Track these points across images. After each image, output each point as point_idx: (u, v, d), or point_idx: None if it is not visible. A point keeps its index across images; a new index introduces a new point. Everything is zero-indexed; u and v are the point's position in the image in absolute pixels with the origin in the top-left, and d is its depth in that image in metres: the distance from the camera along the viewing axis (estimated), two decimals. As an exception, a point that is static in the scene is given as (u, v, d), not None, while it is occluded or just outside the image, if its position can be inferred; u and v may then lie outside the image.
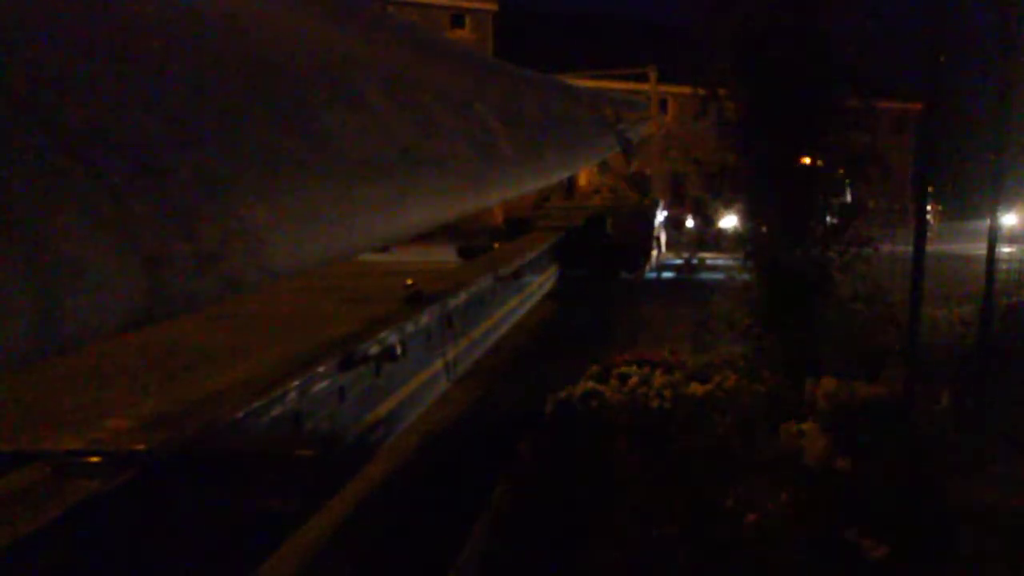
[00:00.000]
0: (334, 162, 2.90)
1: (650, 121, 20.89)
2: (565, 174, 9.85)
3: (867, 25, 6.90)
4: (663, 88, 36.35)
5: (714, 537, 4.53)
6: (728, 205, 7.65)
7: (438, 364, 5.83)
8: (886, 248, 7.13)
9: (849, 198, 7.24)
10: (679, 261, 17.83)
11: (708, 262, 8.86)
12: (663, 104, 39.62)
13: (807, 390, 6.21)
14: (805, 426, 5.64)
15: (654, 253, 17.81)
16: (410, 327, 5.15)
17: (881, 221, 7.61)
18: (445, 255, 14.66)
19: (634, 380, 6.85)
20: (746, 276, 7.30)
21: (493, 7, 37.40)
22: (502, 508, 5.55)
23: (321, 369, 3.91)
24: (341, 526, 5.27)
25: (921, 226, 6.59)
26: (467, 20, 37.13)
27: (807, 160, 7.07)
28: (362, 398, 4.43)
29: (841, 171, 7.12)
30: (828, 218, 7.11)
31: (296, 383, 3.61)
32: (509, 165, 5.60)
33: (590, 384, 6.78)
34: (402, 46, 4.89)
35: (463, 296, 6.57)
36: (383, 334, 4.67)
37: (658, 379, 6.84)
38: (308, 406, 3.72)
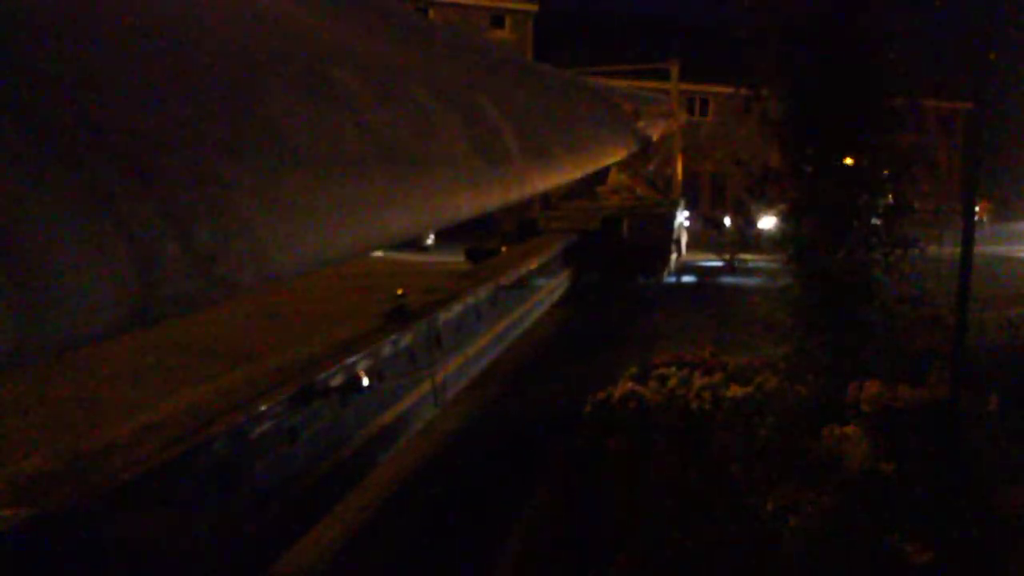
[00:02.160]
0: (320, 162, 2.77)
1: (671, 118, 20.38)
2: (578, 174, 9.26)
3: (914, 22, 6.77)
4: (705, 88, 36.18)
5: (755, 541, 4.48)
6: (770, 205, 7.55)
7: (424, 388, 5.14)
8: (932, 249, 6.98)
9: (892, 198, 7.10)
10: (719, 263, 17.58)
11: (749, 265, 8.76)
12: (704, 104, 39.37)
13: (850, 393, 6.11)
14: (848, 429, 5.56)
15: (673, 256, 17.21)
16: (387, 350, 4.46)
17: (927, 221, 7.46)
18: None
19: (673, 381, 6.81)
20: (787, 280, 7.19)
21: (534, 8, 37.39)
22: (540, 512, 5.54)
23: (263, 408, 3.14)
24: (365, 522, 5.26)
25: (969, 226, 6.45)
26: (507, 21, 37.19)
27: (851, 160, 6.96)
28: (317, 441, 3.64)
29: (886, 171, 6.99)
30: (872, 219, 6.99)
31: (222, 429, 2.87)
32: (514, 165, 5.26)
33: (629, 385, 6.75)
34: (399, 38, 4.65)
35: (457, 309, 5.95)
36: (348, 361, 3.97)
37: (697, 381, 6.79)
38: (237, 457, 2.97)
